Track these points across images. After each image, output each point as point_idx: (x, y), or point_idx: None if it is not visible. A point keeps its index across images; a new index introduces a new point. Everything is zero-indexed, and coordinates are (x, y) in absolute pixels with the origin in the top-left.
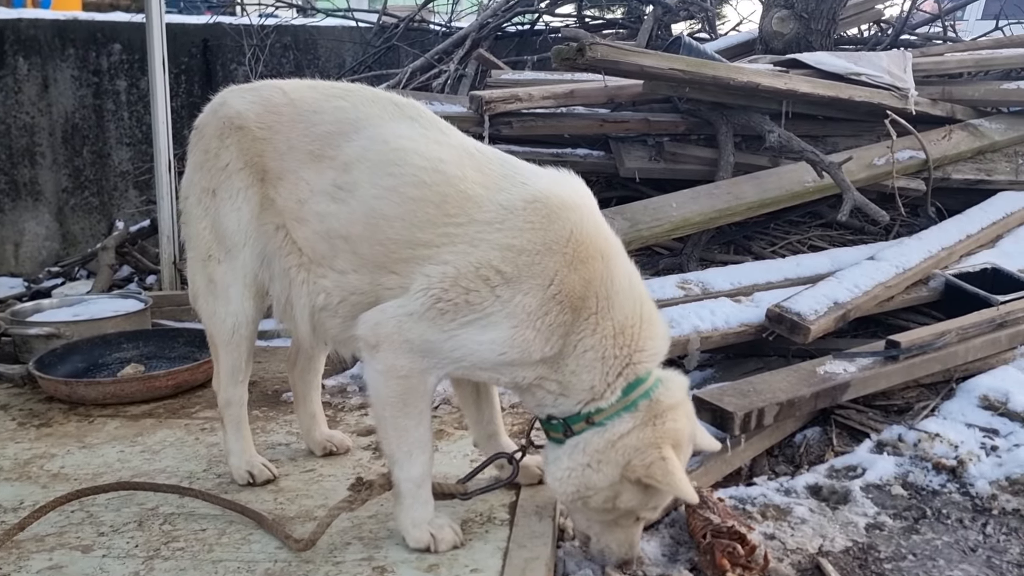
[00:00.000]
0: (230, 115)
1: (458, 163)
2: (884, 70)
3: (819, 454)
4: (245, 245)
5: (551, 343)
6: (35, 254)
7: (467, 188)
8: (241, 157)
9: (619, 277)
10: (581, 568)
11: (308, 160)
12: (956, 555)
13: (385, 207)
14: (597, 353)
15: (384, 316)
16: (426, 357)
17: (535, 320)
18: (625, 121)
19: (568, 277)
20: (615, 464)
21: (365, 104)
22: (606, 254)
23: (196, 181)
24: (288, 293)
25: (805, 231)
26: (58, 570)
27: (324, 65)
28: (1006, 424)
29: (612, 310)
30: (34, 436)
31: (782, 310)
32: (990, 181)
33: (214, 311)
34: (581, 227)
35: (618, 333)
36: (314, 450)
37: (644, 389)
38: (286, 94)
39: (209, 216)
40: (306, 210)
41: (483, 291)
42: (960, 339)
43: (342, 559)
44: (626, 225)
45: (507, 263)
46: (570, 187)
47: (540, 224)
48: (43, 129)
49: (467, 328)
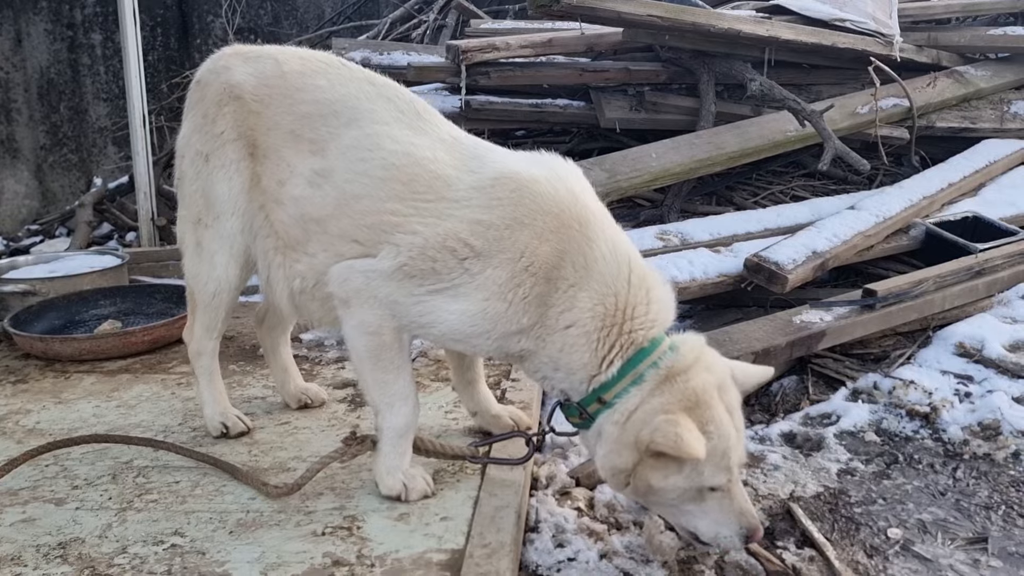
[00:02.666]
0: (231, 83)
1: (431, 147)
2: (869, 16)
3: (795, 402)
4: (233, 215)
5: (527, 314)
6: (15, 212)
7: (437, 168)
8: (235, 128)
9: (599, 245)
10: (553, 516)
11: (289, 139)
12: (925, 499)
13: (355, 188)
14: (580, 329)
15: (352, 271)
16: (395, 316)
17: (506, 292)
18: (605, 71)
19: (539, 249)
20: (629, 445)
21: (342, 83)
22: (584, 222)
23: (192, 143)
24: (268, 274)
25: (788, 181)
26: (31, 523)
27: (303, 16)
28: (981, 371)
29: (591, 279)
30: (10, 392)
31: (760, 259)
32: (975, 129)
33: (198, 273)
34: (552, 199)
35: (598, 304)
36: (289, 403)
37: (651, 360)
38: (279, 65)
39: (201, 180)
40: (284, 192)
41: (450, 262)
42: (938, 287)
43: (314, 508)
44: (604, 176)
45: (476, 237)
46: (542, 162)
47: (509, 199)
48: (18, 85)
49: (435, 296)
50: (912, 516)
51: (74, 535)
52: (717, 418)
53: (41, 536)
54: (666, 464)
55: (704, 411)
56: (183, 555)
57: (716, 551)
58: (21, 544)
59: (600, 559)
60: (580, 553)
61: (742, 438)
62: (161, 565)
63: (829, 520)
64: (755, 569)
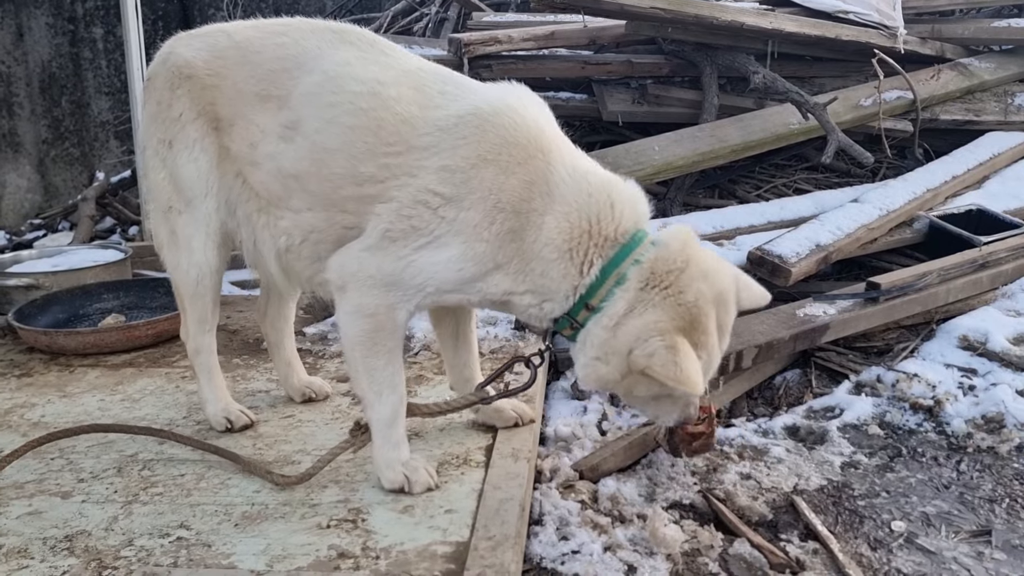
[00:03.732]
0: (179, 64)
1: (395, 83)
2: (873, 7)
3: (798, 396)
4: (207, 195)
5: (503, 250)
6: (17, 207)
7: (403, 110)
8: (194, 107)
9: (559, 169)
10: (557, 509)
11: (256, 102)
12: (929, 492)
13: (326, 140)
14: (553, 248)
15: (347, 257)
16: (391, 291)
17: (482, 231)
18: (607, 63)
19: (507, 183)
20: (620, 354)
21: (304, 37)
22: (546, 151)
23: (152, 133)
24: (254, 238)
25: (791, 174)
26: (37, 515)
27: (305, 10)
28: (984, 364)
29: (554, 203)
30: (15, 386)
31: (763, 253)
32: (979, 121)
33: (178, 262)
34: (515, 131)
35: (562, 221)
36: (293, 396)
37: (632, 258)
38: (230, 36)
39: (167, 167)
40: (258, 153)
41: (425, 215)
42: (941, 280)
43: (319, 501)
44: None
45: (444, 184)
46: (505, 93)
47: (472, 137)
48: (20, 79)
49: (421, 252)
50: (916, 509)
51: (80, 528)
52: (708, 341)
53: (48, 529)
54: (652, 382)
55: (699, 334)
56: (189, 547)
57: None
58: (28, 537)
59: (604, 552)
60: (584, 546)
61: (720, 356)
62: (167, 557)
63: (833, 513)
64: (759, 562)
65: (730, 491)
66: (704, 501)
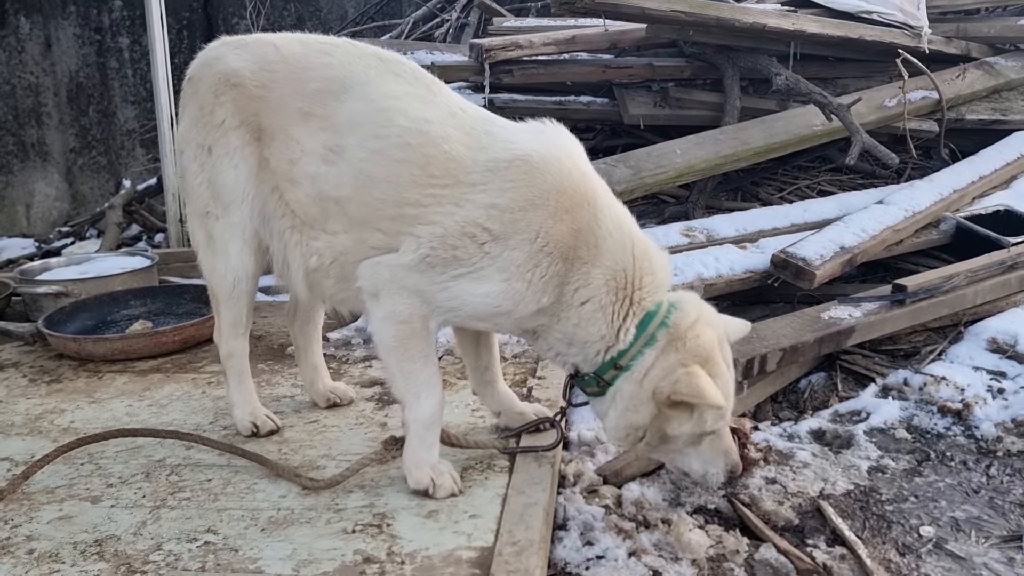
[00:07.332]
0: (226, 72)
1: (442, 123)
2: (896, 7)
3: (824, 399)
4: (243, 202)
5: (546, 293)
6: (46, 215)
7: (451, 149)
8: (237, 115)
9: (605, 222)
10: (581, 514)
11: (298, 118)
12: (958, 496)
13: (373, 169)
14: (595, 304)
15: (380, 266)
16: (424, 303)
17: (525, 272)
18: (628, 67)
19: (554, 228)
20: (647, 398)
21: (351, 61)
22: (592, 201)
23: (191, 137)
24: (284, 254)
25: (814, 176)
26: (68, 520)
27: (326, 17)
28: (1014, 367)
29: (602, 256)
30: (44, 392)
31: (787, 255)
32: (1006, 121)
33: (214, 266)
34: (564, 178)
35: (610, 279)
36: (318, 402)
37: (659, 320)
38: (278, 50)
39: (205, 172)
40: (297, 171)
41: (470, 247)
42: (969, 282)
43: (344, 506)
44: (629, 173)
45: (492, 221)
46: (551, 139)
47: (522, 181)
48: (48, 89)
49: (459, 281)
50: (945, 514)
51: (110, 532)
52: (722, 371)
53: (78, 534)
54: (680, 413)
55: (713, 365)
56: (216, 552)
57: (709, 487)
58: (59, 541)
59: (629, 557)
60: (608, 551)
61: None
62: (195, 562)
63: (860, 518)
64: (786, 567)
65: (755, 496)
66: (729, 506)
